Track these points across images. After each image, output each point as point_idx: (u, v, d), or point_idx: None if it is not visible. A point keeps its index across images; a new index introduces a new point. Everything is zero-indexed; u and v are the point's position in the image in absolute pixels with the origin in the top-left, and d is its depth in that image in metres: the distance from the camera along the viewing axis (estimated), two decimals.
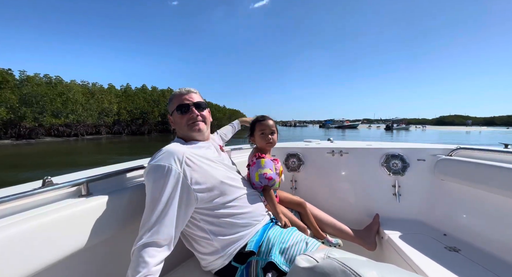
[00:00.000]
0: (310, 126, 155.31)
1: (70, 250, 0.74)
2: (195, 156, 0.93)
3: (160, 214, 0.81)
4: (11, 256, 0.60)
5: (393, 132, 57.23)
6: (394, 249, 1.42)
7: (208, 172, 0.94)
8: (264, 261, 0.92)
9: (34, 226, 0.66)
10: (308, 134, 38.89)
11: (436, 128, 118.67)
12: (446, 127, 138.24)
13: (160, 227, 0.80)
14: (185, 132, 1.07)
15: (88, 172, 1.03)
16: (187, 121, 1.05)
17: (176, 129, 1.11)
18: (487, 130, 76.30)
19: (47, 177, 0.82)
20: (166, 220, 0.81)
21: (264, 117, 1.38)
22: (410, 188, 1.82)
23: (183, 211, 0.87)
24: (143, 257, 0.75)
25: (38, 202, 0.78)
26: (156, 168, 0.85)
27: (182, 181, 0.86)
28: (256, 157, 1.28)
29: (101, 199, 0.85)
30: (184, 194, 0.87)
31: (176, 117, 1.07)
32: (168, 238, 0.82)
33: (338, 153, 1.96)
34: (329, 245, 1.47)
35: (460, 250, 1.33)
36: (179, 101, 1.07)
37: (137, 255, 0.76)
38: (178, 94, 1.09)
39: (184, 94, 1.08)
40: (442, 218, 1.64)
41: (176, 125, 1.09)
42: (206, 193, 0.91)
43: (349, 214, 1.90)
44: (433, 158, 1.77)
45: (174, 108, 1.08)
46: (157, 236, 0.79)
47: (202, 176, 0.91)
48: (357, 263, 0.54)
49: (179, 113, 1.06)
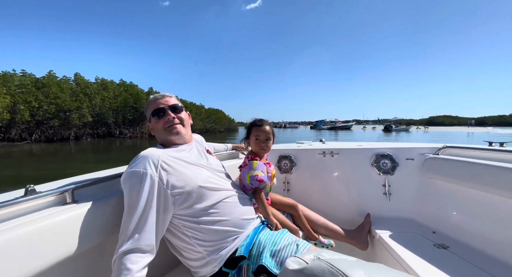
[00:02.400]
0: (301, 127, 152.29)
1: (56, 258, 0.71)
2: (172, 159, 0.92)
3: (139, 221, 0.80)
4: None
5: (393, 133, 51.13)
6: (385, 248, 1.44)
7: (186, 175, 0.92)
8: (255, 265, 0.91)
9: (18, 236, 0.64)
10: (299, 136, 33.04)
11: (439, 128, 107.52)
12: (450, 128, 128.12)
13: (140, 233, 0.79)
14: (164, 136, 1.06)
15: (72, 179, 1.01)
16: (163, 125, 1.05)
17: (156, 136, 1.10)
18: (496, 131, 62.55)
19: (29, 185, 0.80)
20: (146, 226, 0.81)
21: (262, 121, 1.35)
22: (400, 187, 1.86)
23: (162, 216, 0.86)
24: (124, 264, 0.73)
25: (21, 211, 0.75)
26: (131, 174, 0.84)
27: (158, 185, 0.85)
28: (248, 159, 1.28)
29: (87, 206, 0.83)
30: (161, 198, 0.85)
31: (153, 122, 1.07)
32: (149, 244, 0.80)
33: (329, 154, 1.98)
34: (321, 246, 1.48)
35: (448, 247, 1.36)
36: (154, 106, 1.07)
37: (118, 263, 0.74)
38: (153, 99, 1.09)
39: (159, 98, 1.08)
40: (431, 216, 1.68)
41: (155, 131, 1.08)
42: (184, 197, 0.90)
43: (341, 214, 1.91)
44: (421, 157, 1.81)
45: (150, 113, 1.07)
46: (138, 243, 0.78)
47: (179, 180, 0.89)
48: (345, 264, 0.55)
49: (156, 118, 1.06)
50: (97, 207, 0.85)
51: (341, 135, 40.71)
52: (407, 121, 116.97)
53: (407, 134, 47.33)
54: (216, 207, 0.96)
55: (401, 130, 62.59)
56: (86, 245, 0.80)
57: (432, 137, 35.51)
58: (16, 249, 0.63)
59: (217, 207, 0.97)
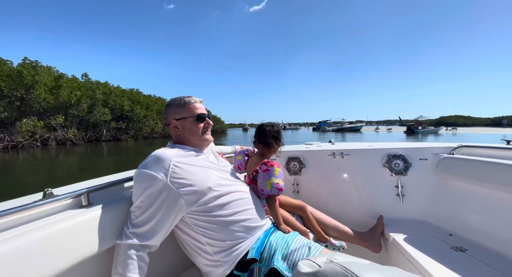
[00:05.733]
0: (303, 128, 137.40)
1: (74, 260, 0.74)
2: (183, 160, 0.93)
3: (148, 220, 0.85)
4: (14, 269, 0.60)
5: (419, 136, 40.36)
6: (399, 251, 1.40)
7: (197, 176, 0.93)
8: (266, 268, 0.91)
9: (36, 238, 0.66)
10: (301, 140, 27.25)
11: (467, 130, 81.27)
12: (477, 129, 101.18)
13: (148, 232, 0.85)
14: (196, 139, 1.08)
15: (87, 183, 1.03)
16: (202, 129, 1.09)
17: (180, 135, 1.09)
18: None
19: (47, 189, 0.83)
20: (154, 226, 0.86)
21: (272, 125, 1.38)
22: (413, 188, 1.81)
23: (171, 217, 0.89)
24: (133, 259, 0.81)
25: (40, 214, 0.78)
26: (142, 174, 0.86)
27: (168, 187, 0.86)
28: (268, 165, 1.26)
29: (102, 209, 0.85)
30: (171, 199, 0.87)
31: (192, 124, 1.07)
32: (155, 244, 0.88)
33: (339, 155, 1.95)
34: (332, 248, 1.46)
35: (466, 250, 1.31)
36: (198, 109, 1.09)
37: (128, 255, 0.81)
38: (193, 102, 1.09)
39: (198, 102, 1.11)
40: (447, 218, 1.62)
41: (187, 132, 1.07)
42: (194, 198, 0.91)
43: (353, 216, 1.88)
44: (435, 157, 1.76)
45: (190, 115, 1.07)
46: (145, 241, 0.84)
47: (190, 181, 0.90)
48: (359, 267, 0.54)
49: (198, 121, 1.07)
50: (111, 210, 0.87)
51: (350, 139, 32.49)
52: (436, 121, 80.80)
53: (435, 138, 36.85)
54: (227, 208, 0.97)
55: (429, 133, 47.86)
56: (102, 247, 0.82)
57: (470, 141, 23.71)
58: (35, 251, 0.65)
59: (228, 208, 0.97)
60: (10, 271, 0.60)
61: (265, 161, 1.29)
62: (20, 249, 0.62)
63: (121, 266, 0.80)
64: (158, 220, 0.86)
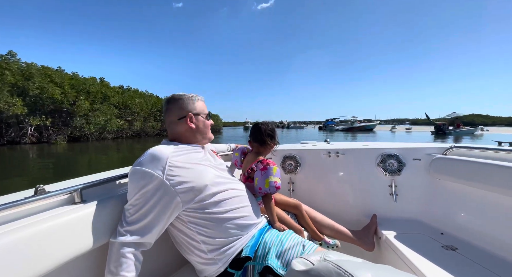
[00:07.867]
0: (309, 127, 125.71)
1: (67, 257, 0.73)
2: (180, 158, 0.92)
3: (143, 218, 0.84)
4: (5, 266, 0.59)
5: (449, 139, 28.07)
6: (392, 249, 1.43)
7: (193, 174, 0.92)
8: (260, 266, 0.91)
9: (28, 235, 0.65)
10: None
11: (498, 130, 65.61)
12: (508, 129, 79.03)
13: (143, 230, 0.84)
14: (202, 136, 1.10)
15: (80, 180, 1.02)
16: (208, 127, 1.13)
17: (187, 131, 1.06)
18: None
19: (39, 185, 0.81)
20: (149, 224, 0.85)
21: (267, 124, 1.38)
22: (406, 188, 1.83)
23: (166, 215, 0.88)
24: (127, 257, 0.80)
25: (31, 211, 0.76)
26: (137, 172, 0.85)
27: (164, 184, 0.85)
28: (265, 163, 1.26)
29: (95, 206, 0.84)
30: (167, 197, 0.86)
31: (201, 121, 1.09)
32: (149, 242, 0.87)
33: (335, 154, 1.96)
34: (326, 247, 1.47)
35: (457, 249, 1.34)
36: (205, 108, 1.13)
37: (122, 253, 0.80)
38: (200, 99, 1.12)
39: (203, 101, 1.15)
40: (439, 217, 1.65)
41: (198, 128, 1.08)
42: (190, 196, 0.90)
43: (347, 215, 1.90)
44: (428, 157, 1.78)
45: (201, 112, 1.10)
46: (140, 239, 0.83)
47: (186, 178, 0.89)
48: (352, 265, 0.54)
49: (207, 119, 1.12)
50: (105, 207, 0.86)
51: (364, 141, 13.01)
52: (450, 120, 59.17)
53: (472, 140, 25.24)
54: (222, 206, 0.96)
55: (464, 134, 34.93)
56: (95, 244, 0.81)
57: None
58: (26, 248, 0.64)
59: (223, 205, 0.97)
60: (1, 269, 0.59)
61: (261, 159, 1.29)
62: (10, 246, 0.61)
63: (114, 264, 0.79)
64: (153, 218, 0.85)
